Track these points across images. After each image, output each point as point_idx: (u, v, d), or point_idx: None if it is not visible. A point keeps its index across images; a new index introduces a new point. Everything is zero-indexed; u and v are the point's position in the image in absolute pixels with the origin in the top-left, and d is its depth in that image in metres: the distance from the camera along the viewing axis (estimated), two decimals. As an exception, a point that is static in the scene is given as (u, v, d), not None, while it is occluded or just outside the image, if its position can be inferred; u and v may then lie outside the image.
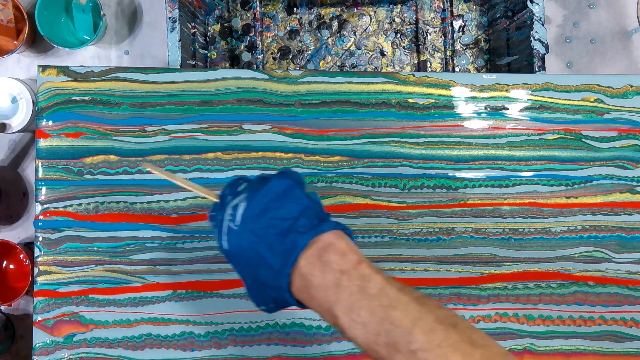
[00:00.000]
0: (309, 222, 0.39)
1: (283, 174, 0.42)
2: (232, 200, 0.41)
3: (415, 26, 0.79)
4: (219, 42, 0.79)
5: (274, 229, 0.39)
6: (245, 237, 0.39)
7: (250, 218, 0.39)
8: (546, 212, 0.59)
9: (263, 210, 0.40)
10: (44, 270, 0.57)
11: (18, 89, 0.72)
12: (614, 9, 0.77)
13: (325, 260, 0.38)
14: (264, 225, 0.39)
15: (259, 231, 0.39)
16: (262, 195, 0.40)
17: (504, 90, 0.59)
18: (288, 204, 0.40)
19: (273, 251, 0.39)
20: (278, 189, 0.40)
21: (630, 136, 0.59)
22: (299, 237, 0.38)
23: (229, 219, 0.40)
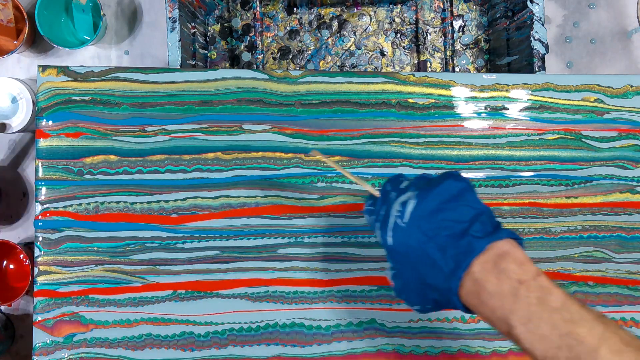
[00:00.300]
0: (484, 228, 0.39)
1: (456, 176, 0.41)
2: (398, 196, 0.41)
3: (415, 26, 0.79)
4: (219, 42, 0.79)
5: (446, 231, 0.39)
6: (414, 236, 0.39)
7: (420, 217, 0.39)
8: (546, 212, 0.59)
9: (435, 211, 0.39)
10: (44, 270, 0.57)
11: (18, 89, 0.72)
12: (614, 9, 0.77)
13: (502, 268, 0.37)
14: (435, 225, 0.39)
15: (429, 231, 0.39)
16: (434, 195, 0.40)
17: (504, 90, 0.59)
18: (462, 207, 0.40)
19: (444, 253, 0.38)
20: (452, 191, 0.40)
21: (630, 136, 0.59)
22: (475, 242, 0.38)
23: (396, 215, 0.40)
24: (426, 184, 0.41)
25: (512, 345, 0.57)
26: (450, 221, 0.39)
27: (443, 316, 0.57)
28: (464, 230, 0.39)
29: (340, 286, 0.58)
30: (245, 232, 0.58)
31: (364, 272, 0.58)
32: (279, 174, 0.58)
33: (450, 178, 0.41)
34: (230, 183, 0.58)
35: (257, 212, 0.58)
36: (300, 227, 0.58)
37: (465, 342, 0.57)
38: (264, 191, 0.58)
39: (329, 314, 0.57)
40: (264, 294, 0.57)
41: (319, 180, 0.58)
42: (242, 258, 0.58)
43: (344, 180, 0.58)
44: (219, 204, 0.58)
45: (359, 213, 0.58)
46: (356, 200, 0.58)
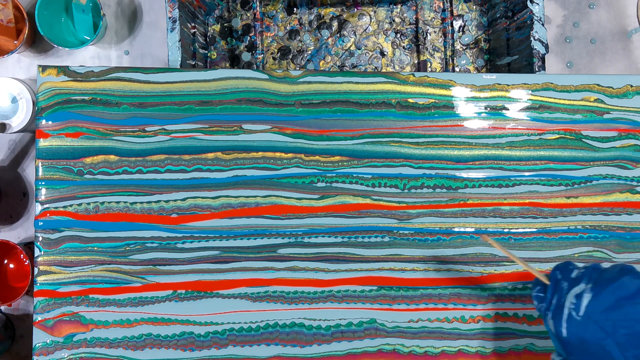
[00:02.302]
0: None
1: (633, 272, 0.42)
2: (571, 287, 0.42)
3: (415, 26, 0.79)
4: (219, 42, 0.79)
5: (626, 329, 0.39)
6: (590, 330, 0.40)
7: (596, 311, 0.40)
8: (546, 212, 0.59)
9: (612, 307, 0.40)
10: (44, 270, 0.57)
11: (18, 89, 0.72)
12: (614, 9, 0.77)
13: None
14: (612, 321, 0.39)
15: (608, 327, 0.39)
16: (611, 290, 0.40)
17: (504, 90, 0.59)
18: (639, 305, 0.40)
19: (624, 352, 0.39)
20: (631, 288, 0.40)
21: (630, 136, 0.59)
22: None
23: (571, 307, 0.41)
24: (600, 277, 0.42)
25: (512, 345, 0.57)
26: (629, 320, 0.39)
27: (443, 316, 0.57)
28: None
29: (340, 286, 0.58)
30: (245, 232, 0.58)
31: (364, 272, 0.58)
32: (279, 174, 0.58)
33: (629, 274, 0.41)
34: (230, 183, 0.58)
35: (257, 212, 0.58)
36: (300, 227, 0.58)
37: (465, 342, 0.57)
38: (264, 191, 0.58)
39: (329, 314, 0.57)
40: (264, 294, 0.57)
41: (319, 180, 0.58)
42: (242, 258, 0.58)
43: (344, 180, 0.58)
44: (219, 204, 0.58)
45: (359, 213, 0.58)
46: (356, 200, 0.58)
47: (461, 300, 0.58)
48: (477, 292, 0.58)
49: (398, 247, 0.58)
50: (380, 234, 0.58)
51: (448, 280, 0.58)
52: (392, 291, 0.58)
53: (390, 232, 0.58)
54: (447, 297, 0.58)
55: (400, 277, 0.58)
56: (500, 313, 0.58)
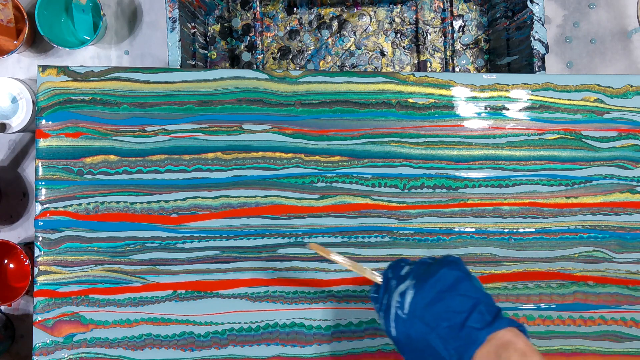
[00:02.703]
0: (482, 318, 0.39)
1: (451, 263, 0.42)
2: (398, 285, 0.42)
3: (415, 26, 0.79)
4: (219, 42, 0.79)
5: (446, 322, 0.39)
6: (415, 327, 0.40)
7: (419, 307, 0.40)
8: (546, 212, 0.59)
9: (433, 301, 0.40)
10: (44, 270, 0.57)
11: (18, 89, 0.72)
12: (614, 9, 0.77)
13: (505, 359, 0.38)
14: (434, 316, 0.39)
15: (430, 322, 0.39)
16: (431, 285, 0.40)
17: (504, 90, 0.59)
18: (459, 296, 0.40)
19: (446, 344, 0.39)
20: (448, 280, 0.41)
21: (630, 136, 0.59)
22: (475, 333, 0.38)
23: (396, 306, 0.41)
24: (424, 272, 0.42)
25: (512, 345, 0.57)
26: (449, 312, 0.39)
27: (443, 316, 0.57)
28: (463, 321, 0.39)
29: (340, 286, 0.58)
30: (245, 232, 0.58)
31: (364, 272, 0.58)
32: (279, 174, 0.58)
33: (445, 267, 0.41)
34: (230, 183, 0.58)
35: (257, 212, 0.58)
36: (300, 227, 0.58)
37: (465, 342, 0.57)
38: (264, 191, 0.58)
39: (329, 314, 0.57)
40: (264, 294, 0.57)
41: (319, 180, 0.58)
42: (242, 258, 0.58)
43: (344, 180, 0.58)
44: (219, 204, 0.58)
45: (359, 213, 0.58)
46: (356, 200, 0.58)
47: (461, 300, 0.58)
48: (477, 292, 0.58)
49: (398, 247, 0.58)
50: (380, 234, 0.58)
51: (448, 280, 0.58)
52: None
53: (390, 232, 0.58)
54: (447, 297, 0.58)
55: (400, 277, 0.58)
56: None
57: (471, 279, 0.42)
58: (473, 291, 0.41)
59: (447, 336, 0.39)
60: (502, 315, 0.40)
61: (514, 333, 0.39)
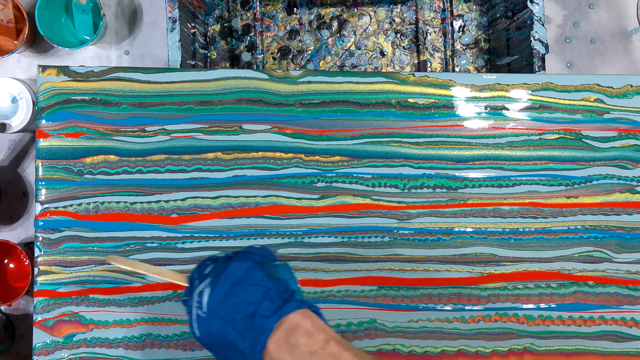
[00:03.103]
0: (272, 305, 0.39)
1: (243, 255, 0.42)
2: (199, 285, 0.42)
3: (415, 26, 0.79)
4: (219, 42, 0.79)
5: (240, 314, 0.39)
6: (214, 324, 0.40)
7: (215, 304, 0.40)
8: (546, 212, 0.59)
9: (227, 295, 0.40)
10: (44, 270, 0.57)
11: (18, 89, 0.72)
12: (614, 9, 0.77)
13: (294, 342, 0.38)
14: (229, 310, 0.40)
15: (226, 317, 0.39)
16: (223, 280, 0.40)
17: (504, 90, 0.59)
18: (249, 287, 0.40)
19: (242, 336, 0.39)
20: (239, 272, 0.41)
21: (630, 136, 0.59)
22: (264, 322, 0.39)
23: (196, 306, 0.41)
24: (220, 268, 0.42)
25: (512, 345, 0.57)
26: (242, 304, 0.40)
27: (443, 316, 0.57)
28: (254, 312, 0.39)
29: (340, 286, 0.58)
30: (245, 232, 0.58)
31: (364, 272, 0.58)
32: (279, 174, 0.58)
33: (237, 259, 0.42)
34: (230, 183, 0.58)
35: (257, 212, 0.58)
36: (300, 227, 0.58)
37: (465, 342, 0.57)
38: (264, 191, 0.58)
39: (329, 314, 0.57)
40: (264, 294, 0.57)
41: (319, 180, 0.58)
42: (242, 258, 0.57)
43: (344, 180, 0.58)
44: (219, 204, 0.58)
45: (359, 213, 0.58)
46: (356, 200, 0.58)
47: (461, 300, 0.58)
48: (477, 292, 0.58)
49: (398, 247, 0.58)
50: (380, 234, 0.58)
51: (448, 280, 0.58)
52: (392, 291, 0.58)
53: (390, 232, 0.58)
54: (447, 297, 0.58)
55: (400, 277, 0.58)
56: (500, 313, 0.58)
57: (264, 267, 0.42)
58: (264, 279, 0.41)
59: (242, 329, 0.39)
60: (293, 299, 0.40)
61: (303, 314, 0.39)
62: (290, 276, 0.43)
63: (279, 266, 0.44)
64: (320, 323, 0.39)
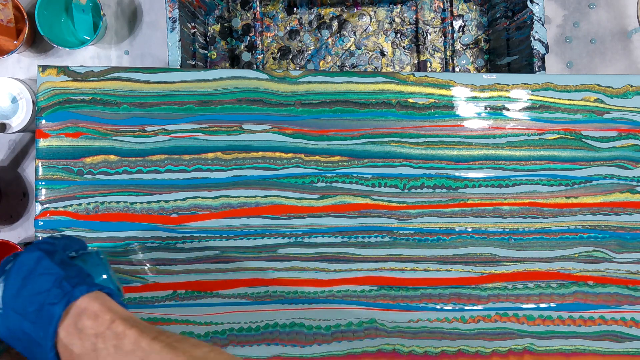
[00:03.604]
0: (62, 291, 0.39)
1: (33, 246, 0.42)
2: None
3: (415, 26, 0.79)
4: (219, 42, 0.79)
5: (32, 306, 0.39)
6: (11, 319, 0.39)
7: (10, 298, 0.39)
8: (546, 212, 0.59)
9: (19, 288, 0.40)
10: (44, 270, 0.57)
11: (18, 89, 0.72)
12: (614, 9, 0.77)
13: (81, 326, 0.38)
14: (22, 302, 0.39)
15: (20, 310, 0.39)
16: (14, 273, 0.40)
17: (504, 90, 0.59)
18: (39, 277, 0.40)
19: (35, 327, 0.39)
20: (29, 264, 0.40)
21: (630, 136, 0.59)
22: (52, 309, 0.38)
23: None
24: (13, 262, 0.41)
25: (512, 345, 0.57)
26: (34, 295, 0.39)
27: (443, 316, 0.57)
28: (43, 301, 0.39)
29: (340, 286, 0.58)
30: (245, 232, 0.58)
31: (364, 272, 0.58)
32: (279, 174, 0.58)
33: (27, 250, 0.41)
34: (230, 183, 0.58)
35: (257, 212, 0.58)
36: (300, 227, 0.58)
37: (465, 342, 0.57)
38: (264, 191, 0.58)
39: (329, 314, 0.57)
40: (264, 294, 0.57)
41: (319, 180, 0.58)
42: (242, 258, 0.58)
43: (344, 180, 0.58)
44: (219, 204, 0.58)
45: (359, 213, 0.58)
46: (356, 200, 0.58)
47: (461, 300, 0.58)
48: (477, 292, 0.58)
49: (398, 247, 0.58)
50: (380, 234, 0.58)
51: (448, 280, 0.58)
52: (392, 291, 0.58)
53: (390, 232, 0.58)
54: (447, 297, 0.58)
55: (400, 277, 0.58)
56: (500, 313, 0.58)
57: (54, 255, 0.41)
58: (52, 268, 0.40)
59: (35, 319, 0.39)
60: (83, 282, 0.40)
61: (93, 297, 0.39)
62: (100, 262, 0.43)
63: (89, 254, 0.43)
64: (110, 303, 0.39)
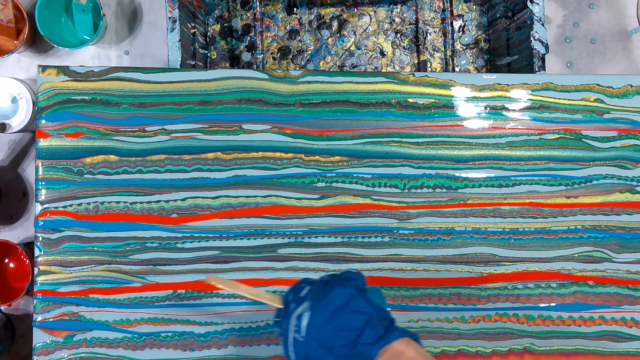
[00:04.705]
0: (375, 333, 0.40)
1: (345, 281, 0.42)
2: (296, 308, 0.42)
3: (415, 26, 0.79)
4: (219, 42, 0.79)
5: (341, 341, 0.40)
6: (312, 349, 0.40)
7: (315, 329, 0.40)
8: (546, 212, 0.59)
9: (328, 321, 0.40)
10: (44, 270, 0.57)
11: (18, 89, 0.72)
12: (614, 9, 0.77)
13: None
14: (330, 336, 0.40)
15: (326, 342, 0.40)
16: (324, 305, 0.41)
17: (504, 90, 0.59)
18: (351, 314, 0.40)
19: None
20: (341, 299, 0.41)
21: (630, 136, 0.59)
22: (367, 349, 0.39)
23: (294, 330, 0.41)
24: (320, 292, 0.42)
25: (512, 345, 0.57)
26: (343, 330, 0.40)
27: (443, 316, 0.57)
28: (356, 339, 0.40)
29: (340, 286, 0.58)
30: (245, 232, 0.58)
31: (364, 272, 0.58)
32: (279, 174, 0.58)
33: (339, 286, 0.42)
34: (230, 183, 0.58)
35: (257, 212, 0.58)
36: (300, 227, 0.58)
37: (465, 342, 0.57)
38: (264, 191, 0.58)
39: (329, 314, 0.57)
40: (264, 294, 0.57)
41: (319, 180, 0.58)
42: (242, 258, 0.58)
43: (344, 180, 0.58)
44: (219, 204, 0.58)
45: (359, 213, 0.58)
46: (356, 200, 0.58)
47: (461, 300, 0.58)
48: (477, 292, 0.58)
49: (398, 247, 0.58)
50: (380, 234, 0.58)
51: (448, 280, 0.58)
52: (392, 291, 0.58)
53: (390, 232, 0.58)
54: (447, 297, 0.58)
55: (400, 277, 0.58)
56: (500, 313, 0.58)
57: (365, 294, 0.42)
58: (366, 307, 0.41)
59: (343, 355, 0.39)
60: (394, 327, 0.40)
61: (406, 342, 0.39)
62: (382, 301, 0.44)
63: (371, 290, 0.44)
64: (423, 351, 0.40)
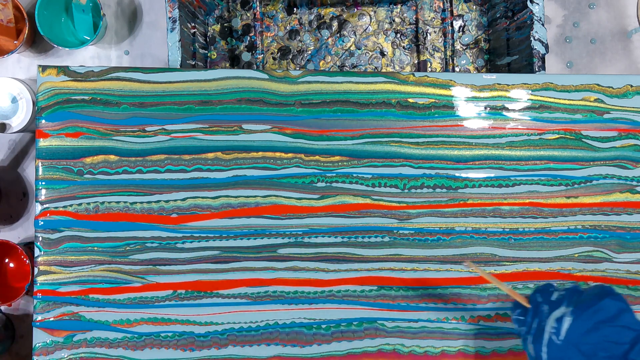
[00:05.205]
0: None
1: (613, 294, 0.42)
2: (552, 311, 0.42)
3: (415, 26, 0.79)
4: (219, 42, 0.79)
5: (605, 352, 0.40)
6: (570, 354, 0.40)
7: (576, 335, 0.40)
8: (546, 212, 0.59)
9: (591, 330, 0.40)
10: (44, 270, 0.57)
11: (18, 89, 0.72)
12: (614, 9, 0.77)
13: None
14: (592, 345, 0.40)
15: (587, 350, 0.40)
16: (591, 313, 0.41)
17: (504, 90, 0.59)
18: (620, 327, 0.40)
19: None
20: (611, 311, 0.41)
21: (630, 136, 0.59)
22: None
23: (552, 331, 0.41)
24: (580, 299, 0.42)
25: (512, 345, 0.57)
26: (608, 342, 0.40)
27: (443, 316, 0.57)
28: (624, 353, 0.39)
29: (340, 286, 0.58)
30: (245, 232, 0.58)
31: (364, 272, 0.58)
32: (279, 174, 0.58)
33: (608, 297, 0.42)
34: (230, 183, 0.58)
35: (257, 212, 0.58)
36: (300, 227, 0.58)
37: (465, 342, 0.57)
38: (264, 191, 0.58)
39: (329, 314, 0.57)
40: (264, 294, 0.57)
41: (319, 180, 0.58)
42: (242, 258, 0.58)
43: (344, 180, 0.58)
44: (219, 204, 0.58)
45: (359, 213, 0.58)
46: (356, 200, 0.58)
47: (461, 300, 0.58)
48: (477, 292, 0.58)
49: (398, 247, 0.58)
50: (380, 234, 0.58)
51: (448, 280, 0.58)
52: (392, 291, 0.58)
53: (390, 232, 0.58)
54: (447, 297, 0.58)
55: (400, 277, 0.58)
56: (500, 313, 0.58)
57: (632, 311, 0.42)
58: (637, 324, 0.41)
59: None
60: None
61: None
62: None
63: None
64: None
